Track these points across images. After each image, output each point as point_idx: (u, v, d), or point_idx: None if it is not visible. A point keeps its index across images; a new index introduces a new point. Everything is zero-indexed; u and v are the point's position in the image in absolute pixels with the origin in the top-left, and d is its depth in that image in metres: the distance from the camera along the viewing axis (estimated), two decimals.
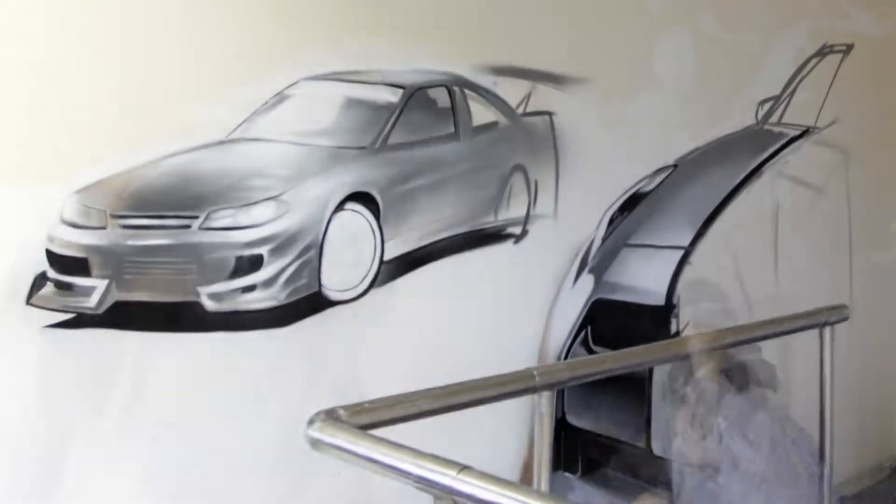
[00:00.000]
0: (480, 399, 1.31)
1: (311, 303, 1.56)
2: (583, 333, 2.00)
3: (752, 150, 2.39)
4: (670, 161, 2.18)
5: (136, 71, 1.36)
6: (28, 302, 1.28)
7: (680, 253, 2.22)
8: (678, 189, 2.21)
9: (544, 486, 1.39)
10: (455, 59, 1.75)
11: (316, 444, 1.11)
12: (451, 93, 1.77)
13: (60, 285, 1.31)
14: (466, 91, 1.79)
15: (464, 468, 1.01)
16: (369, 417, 1.17)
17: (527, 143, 1.90)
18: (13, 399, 1.26)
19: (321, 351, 1.56)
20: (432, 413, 1.23)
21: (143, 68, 1.37)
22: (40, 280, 1.29)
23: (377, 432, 1.14)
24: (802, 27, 2.49)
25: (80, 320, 1.33)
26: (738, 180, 2.34)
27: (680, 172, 2.20)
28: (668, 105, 2.11)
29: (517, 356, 1.87)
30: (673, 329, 2.11)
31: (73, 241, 1.32)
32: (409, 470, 1.06)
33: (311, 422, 1.15)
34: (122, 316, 1.36)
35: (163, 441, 1.37)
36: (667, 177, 2.17)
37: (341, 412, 1.15)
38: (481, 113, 1.82)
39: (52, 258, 1.30)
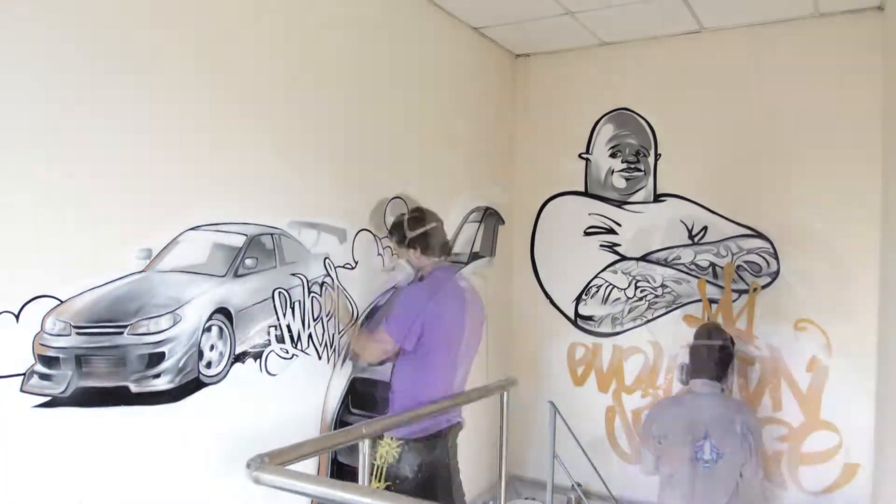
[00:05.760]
0: (335, 444, 2.25)
1: (193, 384, 2.28)
2: (346, 401, 2.98)
3: None
4: (393, 284, 3.34)
5: (87, 232, 1.99)
6: (21, 389, 1.80)
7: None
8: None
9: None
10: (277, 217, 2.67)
11: (257, 479, 1.90)
12: (273, 238, 2.66)
13: (43, 376, 1.85)
14: (283, 237, 2.69)
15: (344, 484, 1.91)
16: (280, 459, 1.99)
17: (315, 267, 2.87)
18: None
19: (203, 415, 2.28)
20: (312, 454, 2.12)
21: (90, 230, 2.00)
22: (29, 373, 1.82)
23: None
24: (463, 197, 3.96)
25: (55, 401, 1.88)
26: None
27: (398, 292, 3.36)
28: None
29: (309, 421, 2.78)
30: None
31: (51, 345, 1.87)
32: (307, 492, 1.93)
33: (248, 465, 1.92)
34: (82, 397, 1.93)
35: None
36: (391, 295, 3.31)
37: (266, 458, 1.95)
38: (291, 249, 2.74)
39: (38, 357, 1.84)
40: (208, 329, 2.32)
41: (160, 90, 2.15)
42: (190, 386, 2.25)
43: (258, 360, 2.53)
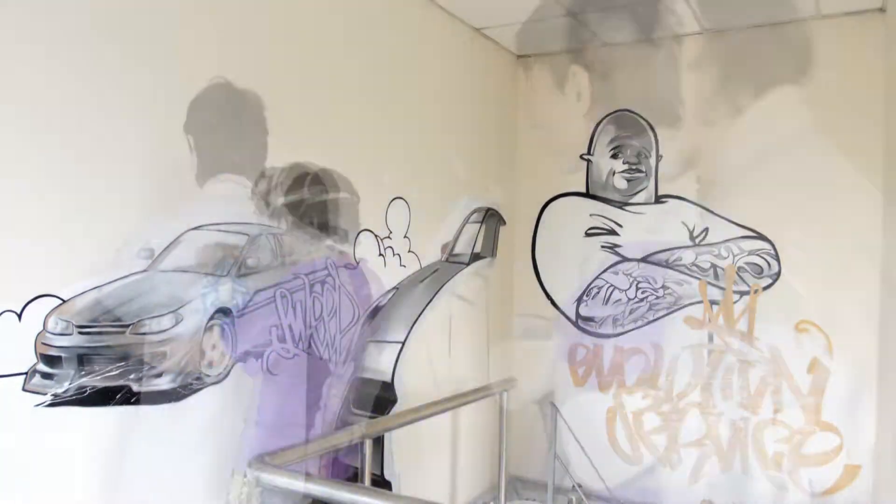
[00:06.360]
0: (336, 444, 2.24)
1: (195, 384, 2.28)
2: (348, 401, 2.98)
3: (439, 276, 3.70)
4: (394, 284, 3.33)
5: (88, 231, 1.99)
6: (23, 389, 1.81)
7: (399, 346, 3.37)
8: (399, 303, 3.36)
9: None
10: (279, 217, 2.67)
11: (257, 479, 1.91)
12: (275, 237, 2.66)
13: (45, 375, 1.85)
14: (284, 236, 2.69)
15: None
16: (281, 459, 1.99)
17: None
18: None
19: (205, 415, 2.28)
20: (313, 454, 2.12)
21: (92, 229, 2.00)
22: (31, 373, 1.83)
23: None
24: (465, 198, 3.95)
25: (57, 401, 1.88)
26: (431, 296, 3.61)
27: (400, 292, 3.36)
28: (399, 245, 3.32)
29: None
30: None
31: (53, 344, 1.88)
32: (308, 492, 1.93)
33: (249, 465, 1.93)
34: (84, 396, 1.94)
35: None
36: (392, 295, 3.31)
37: (266, 458, 1.96)
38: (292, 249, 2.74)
39: (40, 356, 1.84)
40: (210, 328, 2.33)
41: (161, 90, 2.15)
42: (192, 385, 2.25)
43: (260, 360, 2.53)
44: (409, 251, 3.39)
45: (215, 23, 2.35)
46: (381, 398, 3.19)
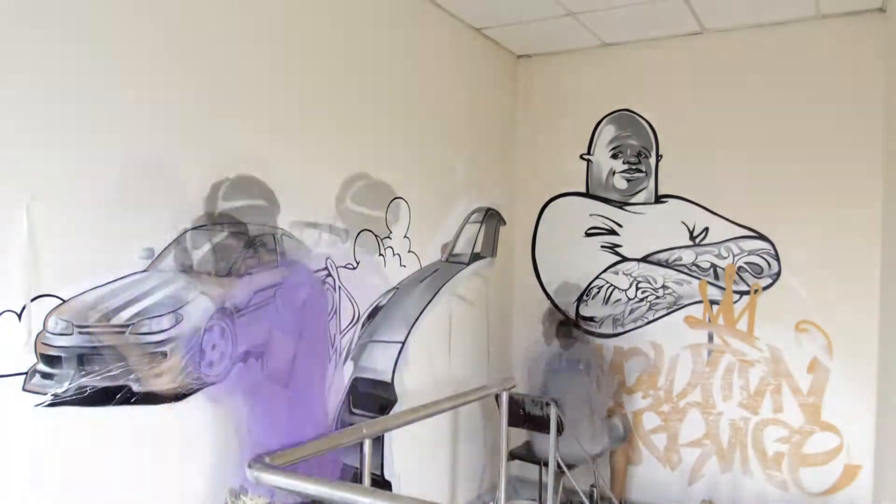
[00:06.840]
0: (336, 444, 2.24)
1: (195, 384, 2.28)
2: (348, 401, 2.98)
3: (439, 276, 3.70)
4: (394, 284, 3.34)
5: (89, 231, 2.00)
6: (23, 389, 1.81)
7: (399, 346, 3.37)
8: (399, 303, 3.36)
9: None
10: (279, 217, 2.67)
11: (257, 479, 1.91)
12: (275, 238, 2.66)
13: (45, 375, 1.85)
14: (284, 236, 2.70)
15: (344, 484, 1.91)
16: (281, 459, 2.00)
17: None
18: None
19: (205, 414, 2.29)
20: (313, 455, 2.12)
21: (92, 230, 2.01)
22: (32, 373, 1.83)
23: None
24: (465, 198, 3.96)
25: (57, 400, 1.88)
26: (431, 296, 3.61)
27: (400, 292, 3.36)
28: (399, 245, 3.32)
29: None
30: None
31: (53, 344, 1.88)
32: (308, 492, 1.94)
33: (249, 465, 1.93)
34: (84, 396, 1.94)
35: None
36: (392, 295, 3.31)
37: (266, 458, 1.96)
38: (292, 249, 2.74)
39: (40, 356, 1.84)
40: (210, 329, 2.33)
41: (161, 90, 2.15)
42: (191, 385, 2.25)
43: (260, 360, 2.53)
44: (409, 251, 3.39)
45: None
46: (380, 398, 3.19)
